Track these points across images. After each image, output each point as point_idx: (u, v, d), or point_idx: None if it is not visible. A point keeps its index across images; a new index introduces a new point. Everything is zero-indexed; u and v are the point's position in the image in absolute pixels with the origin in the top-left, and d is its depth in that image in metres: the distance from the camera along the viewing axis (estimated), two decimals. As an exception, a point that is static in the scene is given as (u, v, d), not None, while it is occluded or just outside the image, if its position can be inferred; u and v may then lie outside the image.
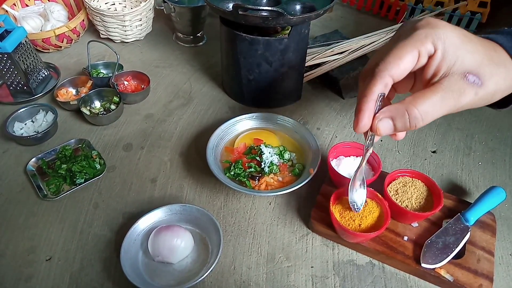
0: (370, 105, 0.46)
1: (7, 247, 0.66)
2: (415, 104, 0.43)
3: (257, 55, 0.84)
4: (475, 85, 0.42)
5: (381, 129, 0.46)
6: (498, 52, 0.45)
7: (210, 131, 0.81)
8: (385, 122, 0.45)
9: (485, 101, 0.44)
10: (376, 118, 0.46)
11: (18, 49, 0.91)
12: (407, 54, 0.44)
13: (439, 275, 0.60)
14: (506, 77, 0.43)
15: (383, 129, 0.46)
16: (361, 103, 0.46)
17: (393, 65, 0.44)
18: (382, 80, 0.45)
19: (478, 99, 0.43)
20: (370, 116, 0.46)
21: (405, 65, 0.44)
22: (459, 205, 0.70)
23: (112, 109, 0.91)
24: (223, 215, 0.72)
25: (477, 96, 0.42)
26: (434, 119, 0.43)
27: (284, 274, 0.63)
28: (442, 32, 0.43)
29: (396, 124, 0.45)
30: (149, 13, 1.19)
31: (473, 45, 0.44)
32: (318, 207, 0.69)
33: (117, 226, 0.70)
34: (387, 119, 0.45)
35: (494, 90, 0.43)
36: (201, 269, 0.62)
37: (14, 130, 0.86)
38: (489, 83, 0.42)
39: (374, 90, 0.45)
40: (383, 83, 0.45)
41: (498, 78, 0.43)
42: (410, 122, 0.44)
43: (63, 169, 0.77)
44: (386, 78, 0.45)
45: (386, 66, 0.44)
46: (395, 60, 0.44)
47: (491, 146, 0.87)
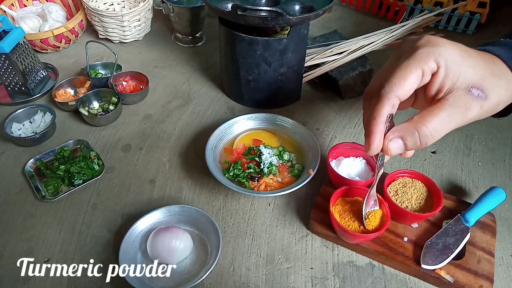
0: (380, 127, 0.46)
1: (4, 249, 0.66)
2: (424, 123, 0.44)
3: (256, 55, 0.84)
4: (480, 98, 0.43)
5: (392, 149, 0.47)
6: (497, 64, 0.46)
7: (209, 132, 0.81)
8: (395, 142, 0.46)
9: (489, 112, 0.45)
10: (386, 139, 0.47)
11: (16, 49, 0.91)
12: (412, 74, 0.44)
13: (439, 276, 0.59)
14: (507, 87, 0.45)
15: (393, 149, 0.47)
16: (371, 126, 0.47)
17: (398, 86, 0.45)
18: (389, 102, 0.46)
19: (483, 112, 0.44)
20: (381, 137, 0.47)
21: (410, 85, 0.45)
22: (459, 205, 0.70)
23: (110, 110, 0.91)
24: (222, 216, 0.71)
25: (483, 109, 0.43)
26: (443, 135, 0.44)
27: (284, 275, 0.63)
28: (443, 50, 0.44)
29: (406, 143, 0.46)
30: (147, 14, 1.18)
31: (473, 60, 0.45)
32: (317, 208, 0.69)
33: (116, 227, 0.69)
34: (397, 139, 0.46)
35: (498, 102, 0.44)
36: (200, 271, 0.61)
37: (12, 130, 0.85)
38: (493, 96, 0.43)
39: (382, 112, 0.46)
40: (390, 105, 0.46)
41: (500, 90, 0.44)
42: (421, 141, 0.44)
43: (61, 170, 0.76)
44: (393, 99, 0.46)
45: (392, 87, 0.45)
46: (400, 81, 0.45)
47: (491, 147, 0.87)
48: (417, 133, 0.44)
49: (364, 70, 0.95)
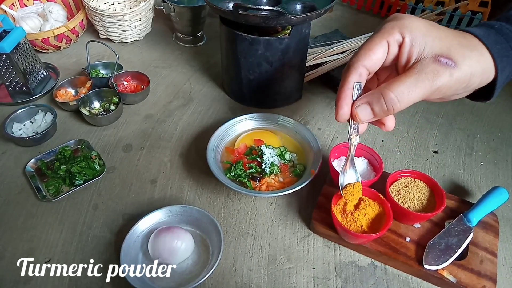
0: (347, 93, 0.48)
1: (5, 249, 0.66)
2: (390, 88, 0.44)
3: (257, 55, 0.83)
4: (449, 66, 0.43)
5: (360, 115, 0.48)
6: (468, 38, 0.46)
7: (210, 132, 0.81)
8: (362, 108, 0.47)
9: (463, 84, 0.44)
10: (354, 105, 0.48)
11: (16, 49, 0.91)
12: (376, 44, 0.47)
13: (442, 277, 0.59)
14: (479, 59, 0.44)
15: (361, 114, 0.48)
16: (338, 93, 0.49)
17: (364, 56, 0.47)
18: (355, 71, 0.47)
19: (455, 81, 0.43)
20: (348, 103, 0.48)
21: (376, 55, 0.47)
22: (462, 205, 0.69)
23: (111, 110, 0.90)
24: (224, 216, 0.71)
25: (453, 77, 0.43)
26: (411, 102, 0.44)
27: (286, 275, 0.63)
28: (408, 22, 0.46)
29: (374, 109, 0.47)
30: (148, 13, 1.18)
31: (441, 32, 0.46)
32: (319, 208, 0.68)
33: (117, 227, 0.69)
34: (365, 105, 0.47)
35: (470, 73, 0.44)
36: (202, 271, 0.61)
37: (12, 130, 0.85)
38: (463, 65, 0.43)
39: (349, 80, 0.48)
40: (357, 73, 0.48)
41: (471, 60, 0.44)
42: (387, 105, 0.45)
43: (62, 170, 0.76)
44: (359, 69, 0.47)
45: (358, 58, 0.47)
46: (366, 52, 0.47)
47: (493, 146, 0.86)
48: (382, 97, 0.45)
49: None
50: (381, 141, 0.87)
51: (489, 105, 0.98)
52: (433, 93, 0.44)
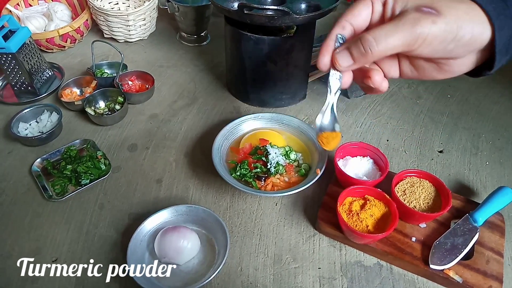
0: (329, 43, 0.48)
1: (13, 249, 0.66)
2: (369, 32, 0.44)
3: (262, 54, 0.83)
4: (431, 14, 0.41)
5: (339, 60, 0.47)
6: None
7: (215, 131, 0.81)
8: (342, 53, 0.47)
9: (450, 33, 0.42)
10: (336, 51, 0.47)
11: (22, 49, 0.91)
12: (360, 4, 0.47)
13: (448, 276, 0.59)
14: (467, 11, 0.42)
15: (340, 60, 0.47)
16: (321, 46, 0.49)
17: (349, 15, 0.47)
18: (339, 24, 0.48)
19: (439, 30, 0.41)
20: (330, 52, 0.48)
21: (359, 11, 0.47)
22: (467, 205, 0.69)
23: (116, 109, 0.91)
24: (229, 216, 0.71)
25: (436, 25, 0.41)
26: (390, 46, 0.42)
27: (292, 275, 0.63)
28: None
29: (352, 53, 0.46)
30: (153, 13, 1.18)
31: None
32: (325, 208, 0.69)
33: (123, 227, 0.70)
34: (344, 50, 0.46)
35: (456, 22, 0.41)
36: (208, 270, 0.61)
37: (18, 130, 0.86)
38: (448, 14, 0.41)
39: (332, 32, 0.48)
40: (340, 26, 0.48)
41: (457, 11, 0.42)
42: (364, 47, 0.44)
43: (68, 169, 0.77)
44: (343, 22, 0.48)
45: (343, 16, 0.48)
46: (351, 11, 0.48)
47: (499, 146, 0.86)
48: (359, 40, 0.44)
49: (371, 69, 0.94)
50: (386, 140, 0.87)
51: (494, 105, 0.98)
52: (414, 40, 0.42)
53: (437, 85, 1.04)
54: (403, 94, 1.01)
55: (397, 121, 0.92)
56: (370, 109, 0.96)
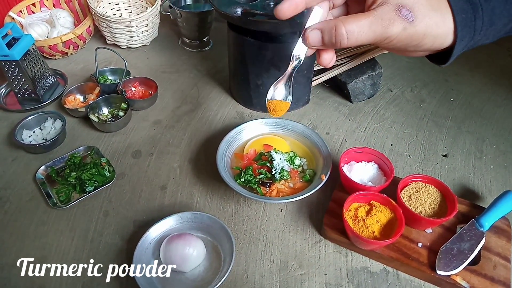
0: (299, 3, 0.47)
1: (18, 257, 0.66)
2: (344, 22, 0.44)
3: (265, 60, 0.83)
4: (406, 20, 0.43)
5: (310, 38, 0.47)
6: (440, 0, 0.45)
7: (219, 137, 0.81)
8: (314, 32, 0.47)
9: (415, 40, 0.44)
10: (309, 28, 0.47)
11: (25, 56, 0.91)
12: None
13: (455, 282, 0.59)
14: (438, 23, 0.44)
15: (312, 38, 0.47)
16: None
17: None
18: None
19: (407, 36, 0.43)
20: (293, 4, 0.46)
21: None
22: (473, 210, 0.69)
23: (120, 116, 0.91)
24: (234, 223, 0.71)
25: (406, 31, 0.43)
26: (360, 42, 0.44)
27: (298, 282, 0.62)
28: None
29: (324, 37, 0.46)
30: (155, 19, 1.19)
31: None
32: (330, 214, 0.68)
33: (128, 234, 0.69)
34: (317, 31, 0.46)
35: (424, 32, 0.43)
36: (214, 278, 0.61)
37: (22, 138, 0.86)
38: (420, 23, 0.43)
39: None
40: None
41: (430, 21, 0.43)
42: (335, 38, 0.45)
43: (73, 177, 0.77)
44: None
45: None
46: None
47: (503, 149, 0.86)
48: (334, 29, 0.45)
49: (374, 73, 0.95)
50: (390, 145, 0.87)
51: (497, 108, 0.98)
52: (382, 40, 0.44)
53: (440, 89, 1.05)
54: (406, 98, 1.01)
55: (400, 125, 0.92)
56: (374, 113, 0.96)
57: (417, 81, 1.08)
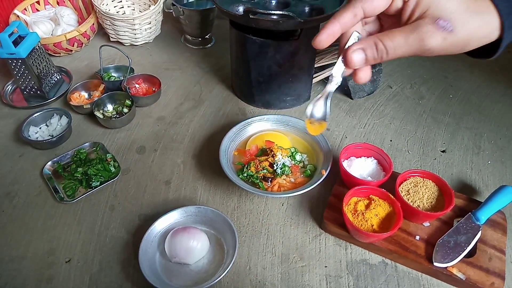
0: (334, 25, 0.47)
1: (27, 250, 0.68)
2: (382, 39, 0.45)
3: (267, 57, 0.85)
4: (445, 30, 0.43)
5: (354, 58, 0.47)
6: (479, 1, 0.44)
7: (221, 133, 0.83)
8: (358, 53, 0.47)
9: (459, 48, 0.44)
10: (351, 50, 0.47)
11: (31, 54, 0.93)
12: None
13: (451, 274, 0.61)
14: (481, 25, 0.44)
15: (356, 58, 0.47)
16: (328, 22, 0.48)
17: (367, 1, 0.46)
18: (353, 8, 0.47)
19: (449, 44, 0.43)
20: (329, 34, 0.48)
21: (377, 2, 0.46)
22: (470, 204, 0.71)
23: (124, 113, 0.93)
24: (237, 216, 0.73)
25: (447, 41, 0.43)
26: (401, 55, 0.44)
27: (299, 274, 0.64)
28: None
29: (367, 54, 0.47)
30: (158, 16, 1.20)
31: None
32: (330, 208, 0.70)
33: (134, 228, 0.71)
34: (360, 50, 0.47)
35: (467, 38, 0.43)
36: (217, 270, 0.63)
37: (29, 134, 0.88)
38: (461, 31, 0.43)
39: (342, 15, 0.47)
40: (353, 12, 0.47)
41: (472, 26, 0.43)
42: (378, 54, 0.46)
43: (79, 172, 0.78)
44: (357, 8, 0.47)
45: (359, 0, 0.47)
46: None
47: (500, 145, 0.88)
48: (375, 46, 0.46)
49: (374, 70, 0.96)
50: (390, 141, 0.88)
51: (496, 104, 0.99)
52: (424, 52, 0.44)
53: (439, 86, 1.06)
54: (406, 95, 1.02)
55: (400, 122, 0.94)
56: (373, 109, 0.97)
57: (417, 77, 1.09)
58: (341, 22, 0.48)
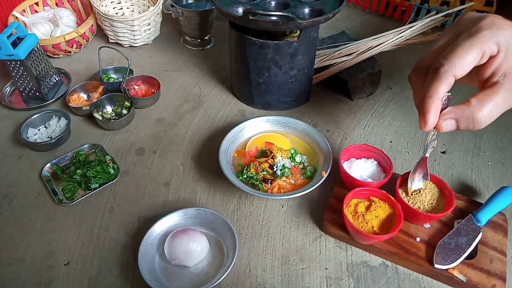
0: (437, 105, 0.47)
1: (26, 252, 0.68)
2: (481, 108, 0.44)
3: (266, 58, 0.85)
4: None
5: (445, 128, 0.49)
6: None
7: (221, 135, 0.83)
8: (449, 122, 0.48)
9: None
10: (442, 117, 0.48)
11: (30, 56, 0.93)
12: (472, 54, 0.44)
13: (452, 276, 0.61)
14: None
15: (446, 128, 0.49)
16: (427, 104, 0.48)
17: (458, 65, 0.45)
18: (447, 81, 0.46)
19: None
20: (437, 115, 0.48)
21: (469, 65, 0.45)
22: (470, 205, 0.70)
23: (124, 114, 0.92)
24: (237, 218, 0.73)
25: None
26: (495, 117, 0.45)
27: (299, 276, 0.64)
28: (508, 34, 0.44)
29: (459, 125, 0.47)
30: (157, 18, 1.20)
31: None
32: (330, 210, 0.70)
33: (133, 230, 0.71)
34: (452, 120, 0.48)
35: None
36: (217, 272, 0.63)
37: (28, 136, 0.87)
38: None
39: (439, 91, 0.47)
40: (448, 84, 0.46)
41: None
42: (474, 125, 0.46)
43: (78, 174, 0.78)
44: (450, 79, 0.46)
45: (451, 67, 0.45)
46: (460, 61, 0.45)
47: (500, 146, 0.87)
48: (472, 117, 0.45)
49: (373, 71, 0.96)
50: (389, 142, 0.88)
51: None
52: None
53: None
54: (406, 96, 1.02)
55: (400, 123, 0.93)
56: (373, 111, 0.97)
57: (417, 78, 1.08)
58: (440, 98, 0.47)
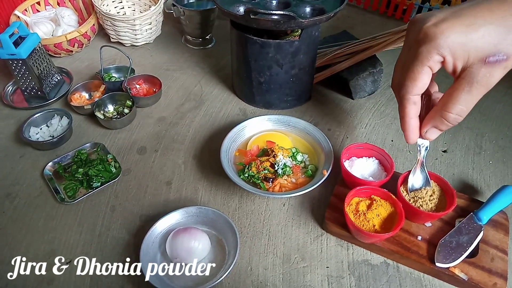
0: (411, 123, 0.54)
1: (28, 251, 0.68)
2: (448, 109, 0.48)
3: (268, 58, 0.85)
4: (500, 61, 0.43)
5: (431, 137, 0.55)
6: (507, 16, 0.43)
7: (222, 133, 0.83)
8: (432, 131, 0.54)
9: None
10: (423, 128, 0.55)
11: (32, 55, 0.93)
12: (419, 73, 0.49)
13: (454, 274, 0.61)
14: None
15: (431, 136, 0.55)
16: (403, 124, 0.56)
17: (412, 87, 0.51)
18: (409, 102, 0.52)
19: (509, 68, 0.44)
20: (415, 130, 0.55)
21: (422, 81, 0.50)
22: (471, 204, 0.70)
23: (125, 113, 0.92)
24: (238, 217, 0.73)
25: (507, 69, 0.43)
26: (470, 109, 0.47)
27: (300, 274, 0.64)
28: (442, 41, 0.45)
29: (441, 129, 0.53)
30: (158, 17, 1.20)
31: (483, 30, 0.43)
32: (332, 208, 0.70)
33: (135, 228, 0.71)
34: (433, 129, 0.53)
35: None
36: (219, 271, 0.63)
37: (30, 135, 0.87)
38: None
39: (406, 112, 0.54)
40: (411, 104, 0.52)
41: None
42: (452, 123, 0.50)
43: (80, 173, 0.78)
44: (411, 99, 0.52)
45: (406, 90, 0.51)
46: (412, 83, 0.50)
47: (502, 145, 0.87)
48: (445, 120, 0.49)
49: (375, 70, 0.96)
50: (391, 141, 0.88)
51: (497, 104, 0.99)
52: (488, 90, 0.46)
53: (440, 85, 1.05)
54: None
55: (401, 122, 0.93)
56: (375, 110, 0.97)
57: (418, 77, 1.08)
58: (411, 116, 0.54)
